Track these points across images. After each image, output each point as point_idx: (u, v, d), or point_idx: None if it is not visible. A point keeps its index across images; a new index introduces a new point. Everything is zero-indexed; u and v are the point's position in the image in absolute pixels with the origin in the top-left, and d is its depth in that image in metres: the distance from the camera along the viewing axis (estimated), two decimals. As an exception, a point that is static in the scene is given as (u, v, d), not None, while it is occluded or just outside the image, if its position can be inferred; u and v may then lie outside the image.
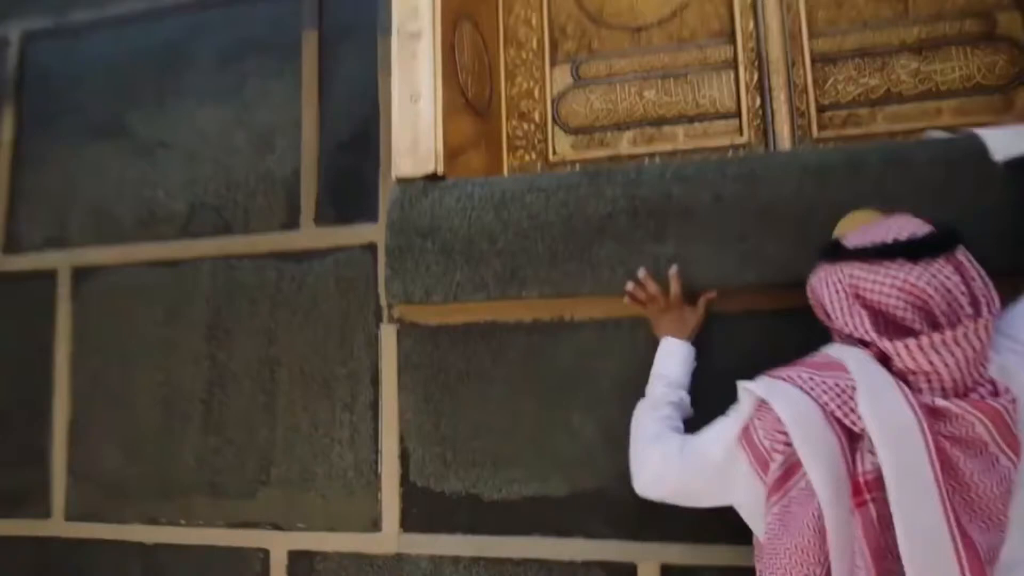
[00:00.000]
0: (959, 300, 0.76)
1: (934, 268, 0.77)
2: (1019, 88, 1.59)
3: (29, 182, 1.68)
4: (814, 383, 0.81)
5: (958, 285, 0.77)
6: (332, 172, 1.46)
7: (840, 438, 0.78)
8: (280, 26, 1.52)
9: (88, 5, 1.71)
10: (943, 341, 0.74)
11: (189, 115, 1.57)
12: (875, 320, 0.80)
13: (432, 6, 1.40)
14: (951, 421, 0.74)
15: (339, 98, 1.47)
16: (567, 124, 1.82)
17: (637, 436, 1.07)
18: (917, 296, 0.77)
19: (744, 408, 0.88)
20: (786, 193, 1.18)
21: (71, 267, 1.62)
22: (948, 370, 0.75)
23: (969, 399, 0.75)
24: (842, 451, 0.78)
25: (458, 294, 1.30)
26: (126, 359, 1.56)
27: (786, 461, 0.80)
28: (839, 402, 0.78)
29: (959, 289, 0.77)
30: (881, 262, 0.79)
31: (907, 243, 0.79)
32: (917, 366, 0.76)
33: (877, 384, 0.77)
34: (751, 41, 1.74)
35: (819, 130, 1.68)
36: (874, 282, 0.79)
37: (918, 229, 0.81)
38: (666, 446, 0.99)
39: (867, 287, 0.80)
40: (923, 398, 0.75)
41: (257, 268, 1.48)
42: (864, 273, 0.81)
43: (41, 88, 1.71)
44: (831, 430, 0.78)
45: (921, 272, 0.77)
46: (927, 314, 0.77)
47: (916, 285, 0.77)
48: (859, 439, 0.78)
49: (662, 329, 1.19)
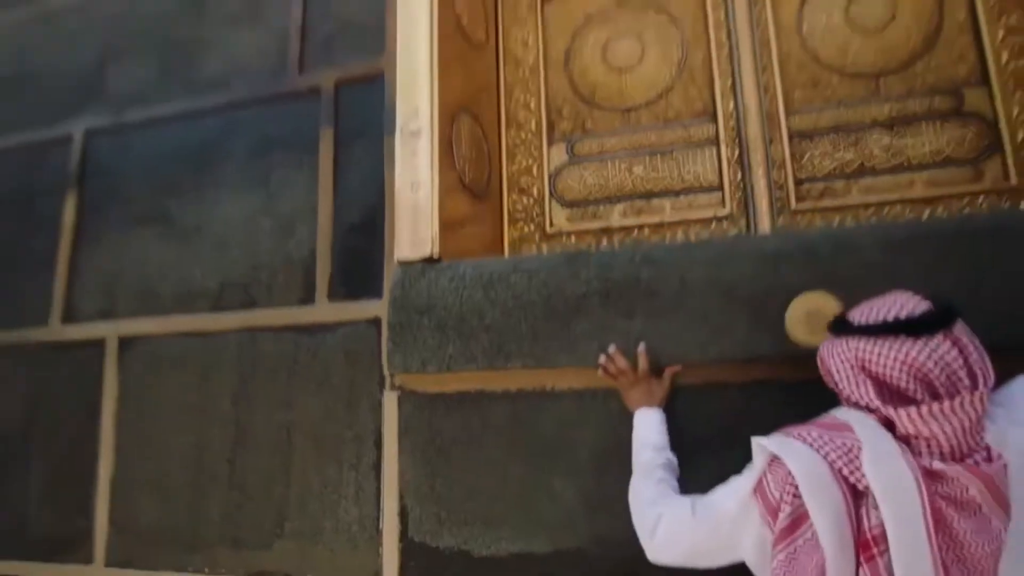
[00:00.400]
0: (957, 373, 0.83)
1: (933, 344, 0.83)
2: (988, 160, 1.67)
3: (86, 261, 1.92)
4: (823, 441, 0.88)
5: (956, 359, 0.83)
6: (343, 254, 1.63)
7: (845, 494, 0.84)
8: (301, 125, 1.73)
9: (140, 106, 1.96)
10: (941, 410, 0.81)
11: (222, 204, 1.78)
12: (879, 389, 0.87)
13: (431, 107, 1.58)
14: (947, 483, 0.80)
15: (351, 188, 1.66)
16: (563, 198, 1.97)
17: (640, 503, 1.13)
18: (918, 370, 0.83)
19: (758, 463, 0.94)
20: (745, 276, 1.29)
21: (118, 337, 1.82)
22: (946, 436, 0.82)
23: (965, 464, 0.81)
24: (847, 506, 0.84)
25: (451, 365, 1.44)
26: (163, 420, 1.74)
27: (794, 512, 0.86)
28: (845, 460, 0.85)
29: (957, 363, 0.83)
30: (885, 338, 0.86)
31: (907, 322, 0.85)
32: (918, 432, 0.83)
33: (881, 446, 0.84)
34: (732, 120, 1.87)
35: (797, 202, 1.78)
36: (879, 355, 0.86)
37: (917, 307, 0.87)
38: (675, 508, 1.04)
39: (872, 360, 0.87)
40: (923, 461, 0.81)
41: (277, 339, 1.65)
42: (869, 347, 0.87)
43: (99, 179, 1.96)
44: (837, 486, 0.84)
45: (922, 348, 0.83)
46: (928, 385, 0.83)
47: (917, 359, 0.83)
48: (863, 496, 0.84)
49: (632, 401, 1.29)
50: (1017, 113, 1.66)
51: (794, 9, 1.88)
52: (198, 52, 1.92)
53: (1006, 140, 1.65)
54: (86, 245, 1.93)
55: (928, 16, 1.77)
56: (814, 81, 1.83)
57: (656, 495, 1.11)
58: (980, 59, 1.71)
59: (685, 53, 1.95)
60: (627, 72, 1.99)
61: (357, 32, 1.74)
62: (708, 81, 1.91)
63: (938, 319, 0.85)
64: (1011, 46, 1.69)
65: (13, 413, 1.94)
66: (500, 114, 2.04)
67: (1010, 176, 1.64)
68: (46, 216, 1.99)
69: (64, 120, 2.05)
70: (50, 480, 1.86)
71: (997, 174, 1.65)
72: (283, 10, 1.83)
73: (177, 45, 1.95)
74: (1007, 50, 1.69)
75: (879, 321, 0.88)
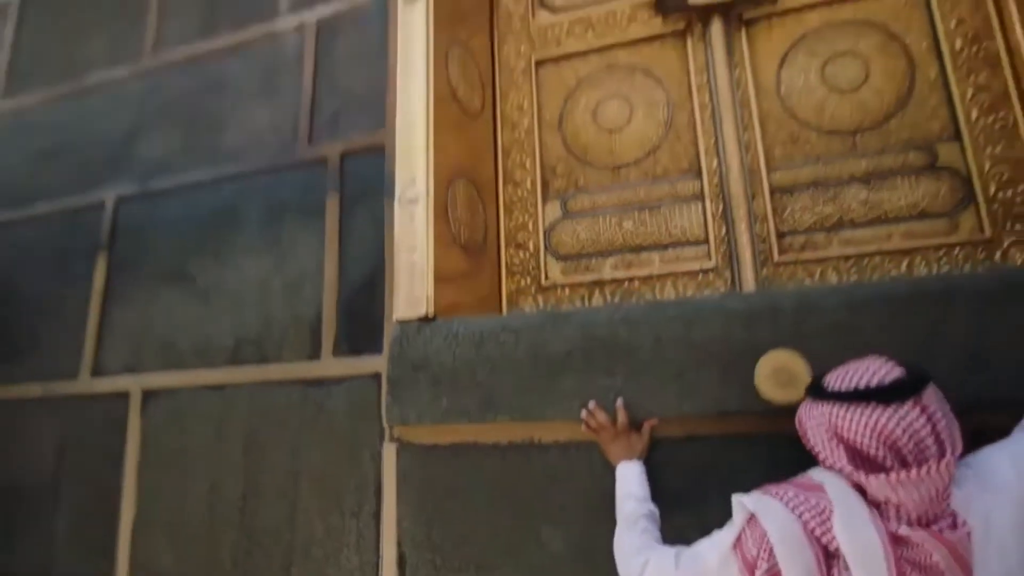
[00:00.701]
0: (925, 441, 0.87)
1: (903, 411, 0.88)
2: (963, 213, 1.73)
3: (114, 318, 2.07)
4: (798, 501, 0.94)
5: (924, 426, 0.88)
6: (347, 312, 1.75)
7: (817, 554, 0.90)
8: (309, 192, 1.88)
9: (166, 175, 2.13)
10: (908, 478, 0.85)
11: (238, 264, 1.92)
12: (851, 456, 0.91)
13: (427, 176, 1.70)
14: (913, 549, 0.86)
15: (354, 250, 1.79)
16: (557, 252, 2.07)
17: (625, 553, 1.18)
18: (887, 437, 0.88)
19: (737, 520, 1.01)
20: (715, 335, 1.37)
21: (141, 389, 1.96)
22: (914, 503, 0.87)
23: (931, 530, 0.86)
24: (818, 565, 0.90)
25: (445, 418, 1.53)
26: (181, 469, 1.86)
27: (770, 568, 0.92)
28: (818, 521, 0.92)
29: (925, 430, 0.87)
30: (857, 405, 0.91)
31: (877, 389, 0.90)
32: (887, 498, 0.89)
33: (852, 509, 0.90)
34: (715, 177, 1.96)
35: (779, 254, 1.85)
36: (850, 422, 0.91)
37: (889, 374, 0.92)
38: (659, 557, 1.09)
39: (844, 426, 0.91)
40: (890, 526, 0.87)
41: (286, 393, 1.76)
42: (841, 412, 0.92)
43: (127, 242, 2.12)
44: (809, 546, 0.91)
45: (891, 415, 0.88)
46: (897, 452, 0.88)
47: (887, 427, 0.87)
48: (835, 556, 0.90)
49: (613, 455, 1.37)
50: (989, 167, 1.73)
51: (772, 71, 1.99)
52: (218, 125, 2.10)
53: (979, 193, 1.72)
54: (115, 303, 2.08)
55: (900, 76, 1.86)
56: (793, 138, 1.92)
57: (641, 544, 1.17)
58: (952, 116, 1.79)
59: (671, 113, 2.06)
60: (616, 132, 2.10)
61: (361, 107, 1.90)
62: (693, 139, 2.02)
63: (908, 386, 0.90)
64: (980, 103, 1.77)
65: (45, 459, 2.07)
66: (497, 173, 2.16)
67: (985, 228, 1.70)
68: (79, 276, 2.15)
69: (97, 188, 2.23)
70: (76, 523, 1.98)
71: (973, 226, 1.71)
72: (294, 87, 1.99)
73: (199, 119, 2.13)
74: (976, 107, 1.77)
75: (851, 388, 0.93)
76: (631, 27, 2.15)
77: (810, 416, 1.00)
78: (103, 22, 2.48)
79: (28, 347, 2.16)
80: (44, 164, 2.39)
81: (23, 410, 2.11)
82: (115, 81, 2.36)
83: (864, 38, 1.91)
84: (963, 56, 1.81)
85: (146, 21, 2.38)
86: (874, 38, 1.90)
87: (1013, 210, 1.68)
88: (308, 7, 2.10)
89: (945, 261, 1.71)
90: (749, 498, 0.99)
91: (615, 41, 2.16)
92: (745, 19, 2.03)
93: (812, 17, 1.98)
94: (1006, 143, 1.72)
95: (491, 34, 2.31)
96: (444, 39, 1.92)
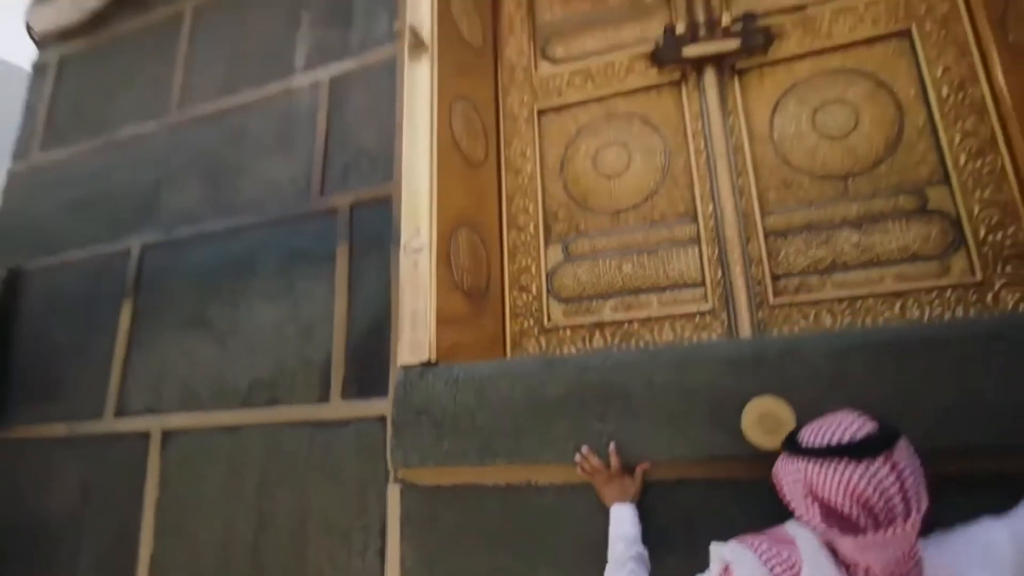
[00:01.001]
0: (893, 499, 0.90)
1: (874, 468, 0.91)
2: (954, 255, 1.77)
3: (138, 361, 2.17)
4: (771, 554, 1.00)
5: (893, 484, 0.91)
6: (355, 356, 1.83)
7: None
8: (321, 240, 1.98)
9: (189, 224, 2.26)
10: (875, 541, 0.90)
11: (254, 310, 2.02)
12: (825, 514, 0.95)
13: (430, 226, 1.79)
14: None
15: (363, 297, 1.87)
16: (559, 295, 2.14)
17: None
18: (859, 495, 0.91)
19: (714, 569, 1.06)
20: (704, 380, 1.41)
21: (161, 430, 2.05)
22: (881, 565, 0.92)
23: None
24: None
25: (446, 461, 1.59)
26: (197, 507, 1.93)
27: None
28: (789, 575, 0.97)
29: (894, 488, 0.90)
30: (830, 462, 0.95)
31: (849, 446, 0.94)
32: (856, 559, 0.94)
33: (821, 568, 0.95)
34: (711, 221, 2.02)
35: (775, 296, 1.89)
36: (825, 479, 0.94)
37: (860, 429, 0.96)
38: None
39: (819, 484, 0.95)
40: None
41: (296, 434, 1.84)
42: (817, 469, 0.96)
43: (151, 288, 2.24)
44: None
45: (863, 473, 0.91)
46: (869, 511, 0.91)
47: (859, 486, 0.91)
48: None
49: (607, 497, 1.41)
50: (978, 211, 1.76)
51: (765, 118, 2.06)
52: (238, 177, 2.22)
53: (969, 236, 1.75)
54: (138, 346, 2.19)
55: (889, 122, 1.91)
56: (786, 183, 1.98)
57: None
58: (940, 160, 1.84)
59: (667, 160, 2.14)
60: (615, 178, 2.18)
61: (370, 160, 2.01)
62: (689, 185, 2.08)
63: (879, 442, 0.94)
64: (968, 148, 1.81)
65: (69, 496, 2.16)
66: (502, 218, 2.25)
67: (975, 271, 1.73)
68: (106, 320, 2.27)
69: (125, 236, 2.37)
70: (97, 559, 2.06)
71: (964, 268, 1.75)
72: (308, 142, 2.11)
73: (221, 171, 2.26)
74: (964, 152, 1.81)
75: (824, 444, 0.98)
76: (629, 77, 2.25)
77: (786, 471, 1.04)
78: (134, 80, 2.65)
79: (56, 388, 2.27)
80: (77, 213, 2.53)
81: (50, 449, 2.21)
82: (144, 135, 2.51)
83: (853, 86, 1.98)
84: (950, 103, 1.86)
85: (173, 79, 2.54)
86: (863, 86, 1.97)
87: (1003, 253, 1.72)
88: (322, 65, 2.24)
89: (937, 304, 1.74)
90: (726, 548, 1.05)
91: (614, 91, 2.26)
92: (737, 69, 2.12)
93: (802, 66, 2.06)
94: (994, 187, 1.76)
95: (496, 84, 2.42)
96: (448, 93, 2.03)
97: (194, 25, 2.60)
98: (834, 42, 2.03)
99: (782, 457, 1.07)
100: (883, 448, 0.93)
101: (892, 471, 0.92)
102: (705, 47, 2.10)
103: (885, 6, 2.00)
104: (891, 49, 1.97)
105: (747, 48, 2.07)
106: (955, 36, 1.90)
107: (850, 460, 0.93)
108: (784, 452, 1.07)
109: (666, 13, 2.27)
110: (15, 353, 2.40)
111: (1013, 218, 1.72)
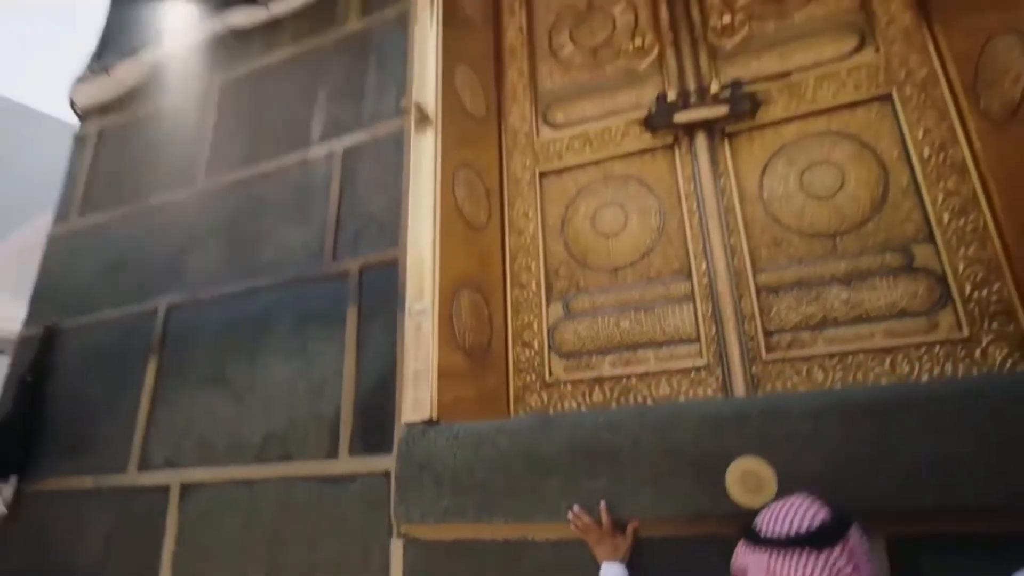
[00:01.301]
0: None
1: (833, 556, 1.00)
2: (941, 311, 1.81)
3: (160, 417, 2.29)
4: None
5: (850, 570, 0.98)
6: (363, 413, 1.92)
7: None
8: (332, 302, 2.10)
9: (210, 285, 2.41)
10: None
11: (269, 368, 2.14)
12: None
13: (433, 290, 1.90)
14: None
15: (370, 356, 1.98)
16: (560, 350, 2.21)
17: None
18: None
19: None
20: (688, 439, 1.47)
21: (180, 483, 2.15)
22: None
23: None
24: None
25: (446, 517, 1.65)
26: (212, 559, 2.01)
27: None
28: None
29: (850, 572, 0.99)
30: (791, 552, 1.01)
31: (807, 535, 1.02)
32: None
33: None
34: (704, 278, 2.09)
35: (767, 352, 1.95)
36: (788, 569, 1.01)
37: (816, 516, 1.04)
38: None
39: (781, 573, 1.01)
40: None
41: (306, 488, 1.92)
42: (779, 559, 1.02)
43: (175, 346, 2.38)
44: None
45: (824, 563, 0.98)
46: None
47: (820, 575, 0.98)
48: None
49: (600, 555, 1.46)
50: (963, 268, 1.81)
51: (755, 179, 2.15)
52: (256, 242, 2.37)
53: (955, 293, 1.80)
54: (162, 402, 2.31)
55: (874, 182, 1.99)
56: (776, 241, 2.05)
57: None
58: (925, 219, 1.90)
59: (663, 219, 2.23)
60: (613, 236, 2.28)
61: (379, 226, 2.14)
62: (683, 243, 2.17)
63: (835, 530, 1.02)
64: (951, 207, 1.87)
65: (94, 546, 2.25)
66: (505, 275, 2.35)
67: (963, 327, 1.77)
68: (133, 377, 2.41)
69: (152, 296, 2.52)
70: (118, 610, 2.14)
71: (951, 324, 1.79)
72: (322, 209, 2.26)
73: (241, 236, 2.42)
74: (947, 211, 1.87)
75: (783, 534, 1.05)
76: (624, 141, 2.36)
77: (747, 560, 1.10)
78: (166, 150, 2.85)
79: (86, 442, 2.40)
80: (111, 275, 2.71)
81: (78, 501, 2.32)
82: (173, 202, 2.70)
83: (838, 148, 2.07)
84: (932, 163, 1.93)
85: (201, 149, 2.73)
86: (848, 148, 2.05)
87: (989, 309, 1.76)
88: (336, 137, 2.40)
89: (927, 359, 1.78)
90: None
91: (611, 154, 2.37)
92: (727, 132, 2.22)
93: (790, 129, 2.16)
94: (978, 244, 1.81)
95: (500, 149, 2.56)
96: (452, 162, 2.16)
97: (222, 99, 2.81)
98: (819, 106, 2.12)
99: (742, 545, 1.13)
100: (839, 537, 1.01)
101: (849, 561, 1.00)
102: (695, 113, 2.22)
103: (866, 72, 2.09)
104: (873, 112, 2.06)
105: (735, 113, 2.18)
106: (934, 100, 1.98)
107: (811, 550, 1.00)
108: (743, 540, 1.12)
109: (659, 81, 2.40)
110: (50, 408, 2.54)
111: (997, 275, 1.77)
